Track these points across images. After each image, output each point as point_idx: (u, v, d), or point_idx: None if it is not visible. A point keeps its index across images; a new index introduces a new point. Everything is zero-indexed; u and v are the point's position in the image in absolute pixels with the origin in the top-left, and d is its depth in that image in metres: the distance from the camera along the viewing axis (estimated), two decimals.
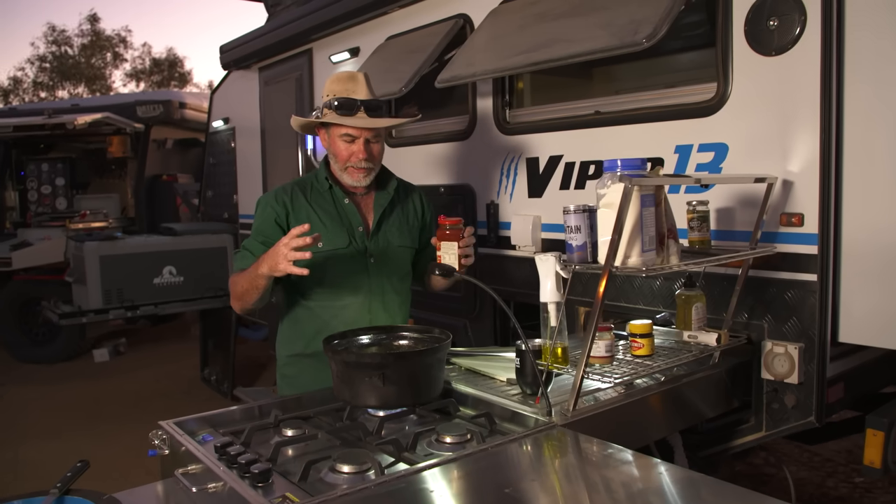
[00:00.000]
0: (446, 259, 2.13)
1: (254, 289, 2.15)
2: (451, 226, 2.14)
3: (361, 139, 2.26)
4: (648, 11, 2.46)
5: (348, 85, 2.27)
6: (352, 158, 2.28)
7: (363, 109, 2.23)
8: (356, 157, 2.27)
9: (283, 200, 2.33)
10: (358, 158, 2.27)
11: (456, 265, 2.11)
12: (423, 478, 1.52)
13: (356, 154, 2.27)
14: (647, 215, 1.83)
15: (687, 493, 1.48)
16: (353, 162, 2.28)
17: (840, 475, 4.23)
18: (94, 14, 29.76)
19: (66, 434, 5.42)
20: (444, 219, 2.15)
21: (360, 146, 2.26)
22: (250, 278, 2.14)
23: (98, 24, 29.83)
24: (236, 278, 2.24)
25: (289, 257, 1.97)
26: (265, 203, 2.35)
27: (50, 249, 7.54)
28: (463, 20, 3.58)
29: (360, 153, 2.26)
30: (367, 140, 2.27)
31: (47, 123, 8.09)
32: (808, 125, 2.25)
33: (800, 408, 2.34)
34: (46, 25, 31.97)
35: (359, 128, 2.25)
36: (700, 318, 2.32)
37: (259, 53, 5.55)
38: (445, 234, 2.14)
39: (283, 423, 1.85)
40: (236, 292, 2.24)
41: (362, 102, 2.24)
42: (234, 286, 2.26)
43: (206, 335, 7.01)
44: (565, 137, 3.10)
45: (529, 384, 1.98)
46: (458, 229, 2.14)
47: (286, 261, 1.97)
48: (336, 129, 2.28)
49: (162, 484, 1.72)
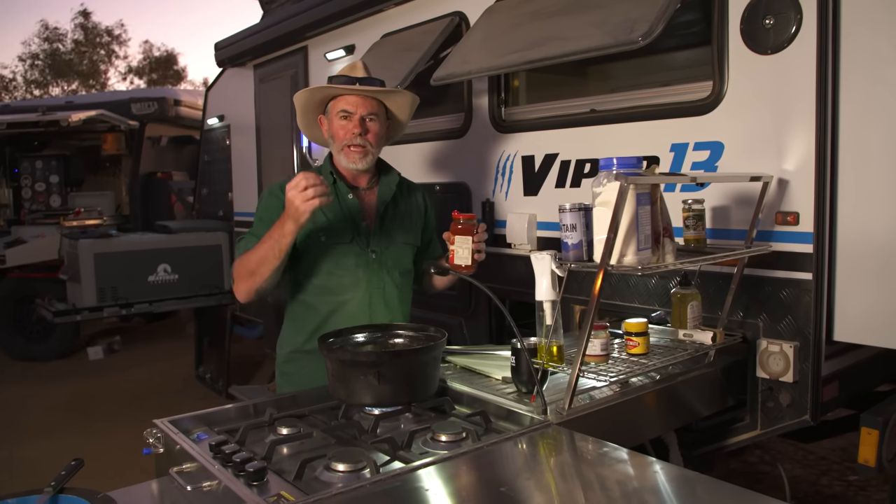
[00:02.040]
0: (460, 253, 2.13)
1: (274, 255, 2.12)
2: (465, 220, 2.14)
3: (357, 115, 2.28)
4: (644, 9, 2.46)
5: (347, 70, 2.34)
6: (348, 136, 2.29)
7: (359, 85, 2.28)
8: (351, 132, 2.28)
9: None
10: (353, 134, 2.28)
11: (469, 260, 2.12)
12: (418, 476, 1.52)
13: (352, 130, 2.28)
14: (642, 214, 1.83)
15: (682, 491, 1.48)
16: (348, 139, 2.29)
17: (834, 473, 4.25)
18: (84, 9, 29.68)
19: (61, 432, 5.41)
20: (459, 213, 2.16)
21: (356, 122, 2.28)
22: (271, 242, 2.11)
23: (89, 20, 29.73)
24: (247, 256, 2.21)
25: (309, 199, 1.97)
26: (271, 193, 2.35)
27: (44, 247, 7.52)
28: (458, 18, 3.58)
29: (355, 128, 2.27)
30: (363, 118, 2.29)
31: (41, 120, 8.07)
32: (804, 124, 2.26)
33: (795, 406, 2.34)
34: (40, 24, 31.85)
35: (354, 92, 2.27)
36: (695, 317, 2.32)
37: (254, 51, 5.53)
38: (459, 229, 2.14)
39: (279, 421, 1.84)
40: (248, 268, 2.20)
41: (358, 79, 2.28)
42: (243, 264, 2.22)
43: (201, 333, 7.01)
44: (561, 135, 3.09)
45: (525, 382, 1.98)
46: (473, 224, 2.15)
47: (306, 203, 1.97)
48: (333, 108, 2.31)
49: (157, 482, 1.71)
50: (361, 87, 2.29)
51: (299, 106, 2.41)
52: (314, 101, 2.38)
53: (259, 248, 2.16)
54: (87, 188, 9.46)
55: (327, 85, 2.31)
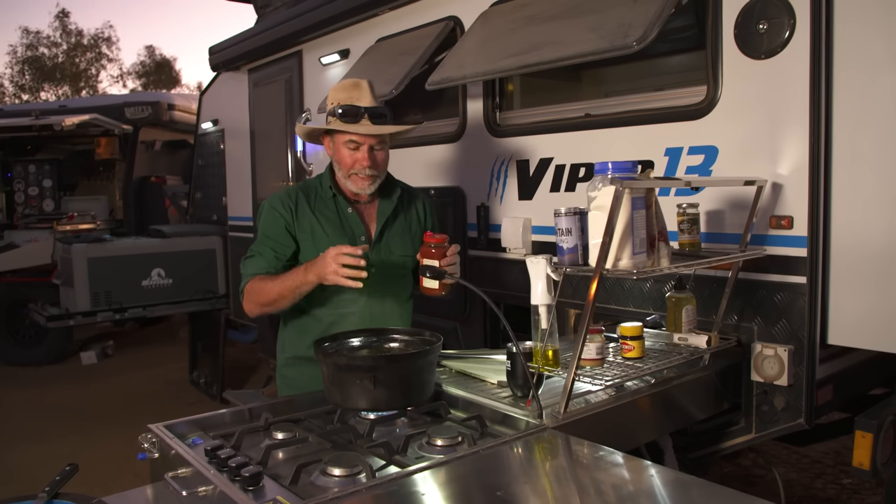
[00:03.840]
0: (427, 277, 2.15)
1: (293, 295, 2.20)
2: (435, 244, 2.15)
3: (366, 146, 2.26)
4: (638, 15, 2.47)
5: (352, 93, 2.27)
6: (356, 166, 2.28)
7: (367, 116, 2.24)
8: (360, 164, 2.27)
9: (289, 205, 2.35)
10: (362, 166, 2.27)
11: (436, 283, 2.12)
12: (413, 481, 1.51)
13: (360, 161, 2.27)
14: (637, 218, 1.83)
15: (677, 494, 1.48)
16: (356, 169, 2.28)
17: (828, 476, 4.26)
18: (62, 10, 29.48)
19: (55, 437, 5.38)
20: (430, 236, 2.17)
21: (364, 153, 2.26)
22: (293, 285, 2.17)
23: (68, 20, 29.54)
24: (267, 285, 2.23)
25: (340, 272, 2.03)
26: (271, 207, 2.36)
27: (37, 251, 7.49)
28: (453, 22, 3.59)
29: (364, 160, 2.26)
30: (371, 147, 2.27)
31: (34, 125, 8.04)
32: (798, 128, 2.27)
33: (789, 410, 2.35)
34: (20, 29, 31.71)
35: (362, 135, 2.25)
36: (690, 321, 2.33)
37: (249, 55, 5.53)
38: (427, 252, 2.15)
39: (274, 426, 1.84)
40: (267, 297, 2.24)
41: (366, 109, 2.24)
42: (259, 294, 2.25)
43: (195, 338, 6.99)
44: (556, 140, 3.10)
45: (520, 387, 1.98)
46: (442, 247, 2.14)
47: (336, 274, 2.03)
48: (340, 136, 2.29)
49: (152, 488, 1.70)
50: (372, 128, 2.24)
51: (301, 134, 2.43)
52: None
53: (278, 285, 2.20)
54: (80, 192, 9.44)
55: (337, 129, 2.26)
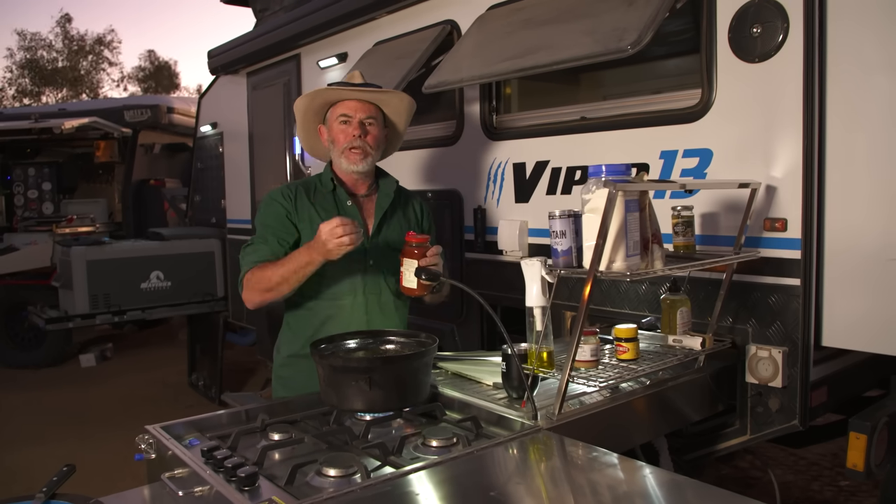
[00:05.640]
0: (406, 276, 2.17)
1: (296, 277, 2.19)
2: (416, 244, 2.16)
3: (356, 119, 2.34)
4: (633, 19, 2.48)
5: (345, 79, 2.43)
6: (347, 139, 2.34)
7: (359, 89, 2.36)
8: (351, 135, 2.33)
9: (289, 196, 2.39)
10: (353, 136, 2.33)
11: (415, 283, 2.14)
12: (409, 481, 1.52)
13: (351, 133, 2.33)
14: (631, 220, 1.84)
15: (672, 496, 1.49)
16: (348, 142, 2.34)
17: (825, 478, 4.26)
18: (65, 14, 29.52)
19: (53, 439, 5.38)
20: (413, 235, 2.18)
21: (356, 125, 2.34)
22: (297, 266, 2.17)
23: (70, 25, 29.57)
24: (265, 272, 2.23)
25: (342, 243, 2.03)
26: (271, 199, 2.40)
27: (36, 254, 7.50)
28: (450, 26, 3.60)
29: (355, 130, 2.33)
30: (362, 122, 2.34)
31: (34, 128, 8.05)
32: (791, 131, 2.28)
33: (784, 411, 2.36)
34: (16, 33, 31.71)
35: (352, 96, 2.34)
36: (685, 323, 2.34)
37: (247, 58, 5.54)
38: (407, 251, 2.17)
39: (270, 427, 1.84)
40: (265, 284, 2.23)
41: (357, 84, 2.36)
42: (261, 280, 2.25)
43: (194, 340, 6.99)
44: (552, 143, 3.12)
45: (515, 388, 1.99)
46: (424, 247, 2.16)
47: (339, 247, 2.04)
48: (333, 114, 2.37)
49: (148, 488, 1.71)
50: (359, 88, 2.35)
51: (299, 112, 2.46)
52: (313, 109, 2.42)
53: (280, 268, 2.20)
54: (79, 195, 9.43)
55: (326, 87, 2.38)
